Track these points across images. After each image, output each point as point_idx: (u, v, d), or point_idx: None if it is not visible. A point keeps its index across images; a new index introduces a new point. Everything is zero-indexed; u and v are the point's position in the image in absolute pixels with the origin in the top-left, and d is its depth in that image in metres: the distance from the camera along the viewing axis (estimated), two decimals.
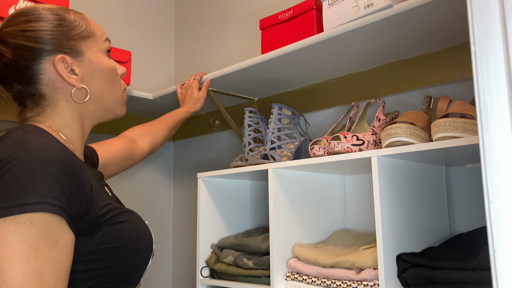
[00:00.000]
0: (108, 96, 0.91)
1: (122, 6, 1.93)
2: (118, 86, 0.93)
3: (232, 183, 1.50)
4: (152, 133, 1.30)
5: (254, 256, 1.28)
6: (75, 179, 0.70)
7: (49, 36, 0.83)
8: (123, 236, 0.77)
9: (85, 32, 0.88)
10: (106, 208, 0.77)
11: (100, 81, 0.89)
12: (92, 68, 0.88)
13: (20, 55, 0.81)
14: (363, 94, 1.34)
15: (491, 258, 0.49)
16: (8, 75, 0.83)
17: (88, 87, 0.87)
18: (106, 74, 0.90)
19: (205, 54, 1.93)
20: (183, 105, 1.46)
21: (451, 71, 1.16)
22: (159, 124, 1.35)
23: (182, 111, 1.42)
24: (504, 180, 0.49)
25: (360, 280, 1.01)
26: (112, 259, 0.76)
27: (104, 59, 0.90)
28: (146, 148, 1.28)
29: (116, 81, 0.93)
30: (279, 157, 1.30)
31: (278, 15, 1.29)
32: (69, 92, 0.85)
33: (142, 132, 1.29)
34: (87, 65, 0.87)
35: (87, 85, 0.87)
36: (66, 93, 0.84)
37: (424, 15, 0.99)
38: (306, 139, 1.45)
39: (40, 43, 0.82)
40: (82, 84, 0.86)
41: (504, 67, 0.51)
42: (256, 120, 1.47)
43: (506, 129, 0.50)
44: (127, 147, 1.20)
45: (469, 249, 0.97)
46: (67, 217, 0.67)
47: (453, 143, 0.87)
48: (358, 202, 1.34)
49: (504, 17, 0.51)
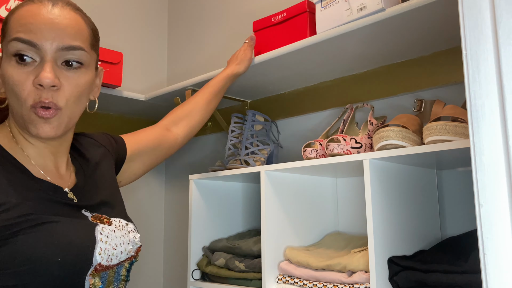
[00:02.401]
0: (14, 109, 0.79)
1: (114, 6, 1.92)
2: (18, 100, 0.77)
3: (224, 185, 1.50)
4: (187, 117, 1.18)
5: (245, 258, 1.27)
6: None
7: None
8: (27, 252, 0.70)
9: (2, 33, 0.80)
10: (20, 219, 0.71)
11: (7, 91, 0.79)
12: (2, 75, 0.80)
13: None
14: (356, 97, 1.35)
15: (481, 261, 0.49)
16: None
17: (6, 95, 0.81)
18: (5, 83, 0.78)
19: (198, 55, 1.93)
20: (227, 67, 1.30)
21: (442, 75, 1.17)
22: (195, 101, 1.21)
23: (222, 76, 1.27)
24: (494, 184, 0.49)
25: (351, 283, 1.01)
26: (23, 272, 0.70)
27: (5, 64, 0.78)
28: (181, 134, 1.17)
29: (15, 93, 0.77)
30: (253, 162, 1.32)
31: (271, 18, 1.29)
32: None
33: (176, 116, 1.18)
34: (2, 72, 0.80)
35: (6, 94, 0.81)
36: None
37: (416, 19, 0.99)
38: (278, 145, 1.49)
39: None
40: (2, 89, 0.81)
41: (495, 71, 0.51)
42: (241, 126, 1.49)
43: (497, 133, 0.50)
44: (159, 135, 1.11)
45: (460, 252, 0.97)
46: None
47: (445, 146, 0.88)
48: (350, 205, 1.34)
49: (495, 21, 0.51)
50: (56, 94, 0.78)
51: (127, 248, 0.86)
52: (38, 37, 0.76)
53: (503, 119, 0.49)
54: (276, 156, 1.48)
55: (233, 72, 1.27)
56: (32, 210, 0.74)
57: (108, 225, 0.83)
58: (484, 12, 0.52)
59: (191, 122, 1.19)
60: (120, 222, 0.88)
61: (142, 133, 1.11)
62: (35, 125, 0.77)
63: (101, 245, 0.79)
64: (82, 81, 0.81)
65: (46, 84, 0.75)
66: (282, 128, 1.56)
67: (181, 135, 1.17)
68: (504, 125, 0.49)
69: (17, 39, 0.76)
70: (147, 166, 1.11)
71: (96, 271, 0.78)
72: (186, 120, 1.19)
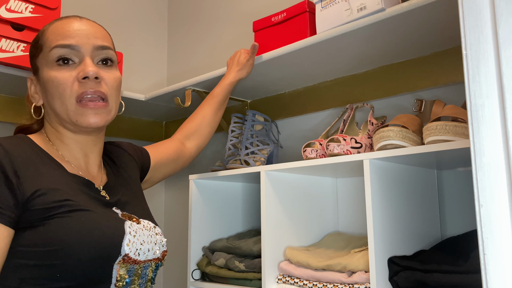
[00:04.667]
0: (58, 109, 0.88)
1: (114, 6, 1.92)
2: (62, 98, 0.87)
3: (224, 186, 1.50)
4: (197, 131, 1.26)
5: (245, 258, 1.27)
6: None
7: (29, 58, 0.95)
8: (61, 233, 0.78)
9: (38, 48, 0.91)
10: (57, 203, 0.79)
11: (47, 96, 0.90)
12: (41, 84, 0.91)
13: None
14: (355, 97, 1.35)
15: (481, 261, 0.49)
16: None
17: (45, 103, 0.92)
18: (48, 88, 0.88)
19: (198, 55, 1.93)
20: (227, 73, 1.32)
21: (442, 75, 1.17)
22: (202, 114, 1.27)
23: (225, 84, 1.30)
24: (494, 184, 0.49)
25: (351, 283, 1.01)
26: (54, 254, 0.77)
27: (47, 73, 0.88)
28: (194, 148, 1.25)
29: (59, 93, 0.87)
30: (253, 162, 1.32)
31: (271, 18, 1.29)
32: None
33: (188, 131, 1.25)
34: (40, 82, 0.91)
35: (44, 100, 0.92)
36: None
37: (416, 19, 0.99)
38: (278, 145, 1.49)
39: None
40: (40, 102, 0.92)
41: (495, 71, 0.51)
42: (241, 126, 1.49)
43: (497, 133, 0.50)
44: (177, 149, 1.20)
45: (460, 252, 0.97)
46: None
47: (445, 146, 0.88)
48: (350, 205, 1.34)
49: (495, 21, 0.51)
50: (99, 85, 0.88)
51: (154, 248, 0.89)
52: (75, 40, 0.88)
53: (503, 119, 0.49)
54: (276, 156, 1.48)
55: (235, 79, 1.30)
56: (67, 197, 0.81)
57: (136, 224, 0.89)
58: (484, 12, 0.52)
59: (201, 136, 1.27)
60: (149, 224, 0.93)
61: (163, 146, 1.19)
62: (84, 116, 0.87)
63: (129, 237, 0.84)
64: (117, 75, 0.93)
65: (91, 75, 0.86)
66: (282, 128, 1.56)
67: (194, 149, 1.25)
68: (504, 125, 0.49)
69: (58, 46, 0.87)
70: (165, 176, 1.21)
71: (123, 261, 0.83)
72: (196, 134, 1.26)
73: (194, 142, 1.25)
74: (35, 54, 0.92)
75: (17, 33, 1.25)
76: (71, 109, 0.87)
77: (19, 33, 1.26)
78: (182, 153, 1.22)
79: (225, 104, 1.33)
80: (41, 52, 0.90)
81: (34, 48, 0.92)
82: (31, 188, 0.79)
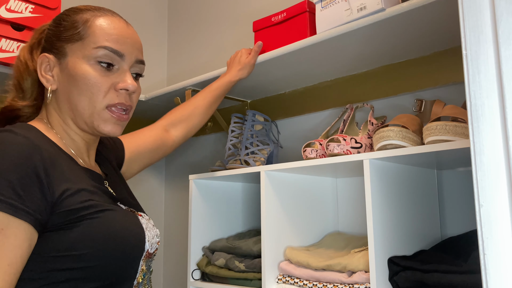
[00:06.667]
0: (81, 106, 0.85)
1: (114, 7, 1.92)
2: (92, 99, 0.84)
3: (224, 186, 1.50)
4: (186, 119, 1.21)
5: (245, 258, 1.27)
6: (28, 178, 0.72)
7: (44, 35, 0.89)
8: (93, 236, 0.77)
9: (77, 35, 0.85)
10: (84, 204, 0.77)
11: (71, 87, 0.85)
12: (67, 72, 0.85)
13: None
14: (356, 97, 1.35)
15: (481, 261, 0.49)
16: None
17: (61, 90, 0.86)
18: (77, 82, 0.84)
19: (198, 55, 1.93)
20: (227, 71, 1.30)
21: (442, 75, 1.17)
22: (195, 104, 1.23)
23: (225, 81, 1.27)
24: (494, 184, 0.49)
25: (351, 283, 1.01)
26: (87, 257, 0.76)
27: (82, 65, 0.84)
28: (179, 136, 1.20)
29: (90, 93, 0.84)
30: (253, 162, 1.32)
31: (271, 17, 1.29)
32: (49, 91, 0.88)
33: (175, 118, 1.20)
34: (64, 68, 0.85)
35: (61, 88, 0.86)
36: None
37: (416, 19, 0.99)
38: (278, 145, 1.49)
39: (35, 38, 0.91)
40: (54, 86, 0.87)
41: (495, 71, 0.51)
42: (241, 126, 1.49)
43: (497, 133, 0.50)
44: (157, 138, 1.14)
45: (460, 252, 0.97)
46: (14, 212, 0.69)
47: (445, 146, 0.88)
48: (350, 205, 1.34)
49: (495, 21, 0.51)
50: (131, 98, 0.89)
51: (156, 240, 0.92)
52: (124, 48, 0.87)
53: (503, 119, 0.49)
54: (276, 156, 1.48)
55: (236, 78, 1.28)
56: (90, 197, 0.79)
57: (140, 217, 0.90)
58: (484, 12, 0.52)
59: (189, 125, 1.22)
60: (146, 217, 0.94)
61: (140, 135, 1.13)
62: (106, 124, 0.86)
63: (147, 233, 0.86)
64: (140, 89, 0.93)
65: (132, 90, 0.87)
66: (282, 128, 1.56)
67: (179, 137, 1.20)
68: (504, 125, 0.49)
69: (106, 48, 0.85)
70: (144, 166, 1.15)
71: (145, 257, 0.86)
72: (185, 122, 1.21)
73: (180, 131, 1.20)
74: (69, 39, 0.86)
75: (17, 33, 1.26)
76: (97, 112, 0.85)
77: (19, 33, 1.26)
78: (164, 141, 1.16)
79: (220, 101, 1.29)
80: (79, 41, 0.85)
81: (68, 31, 0.86)
82: (60, 188, 0.75)
